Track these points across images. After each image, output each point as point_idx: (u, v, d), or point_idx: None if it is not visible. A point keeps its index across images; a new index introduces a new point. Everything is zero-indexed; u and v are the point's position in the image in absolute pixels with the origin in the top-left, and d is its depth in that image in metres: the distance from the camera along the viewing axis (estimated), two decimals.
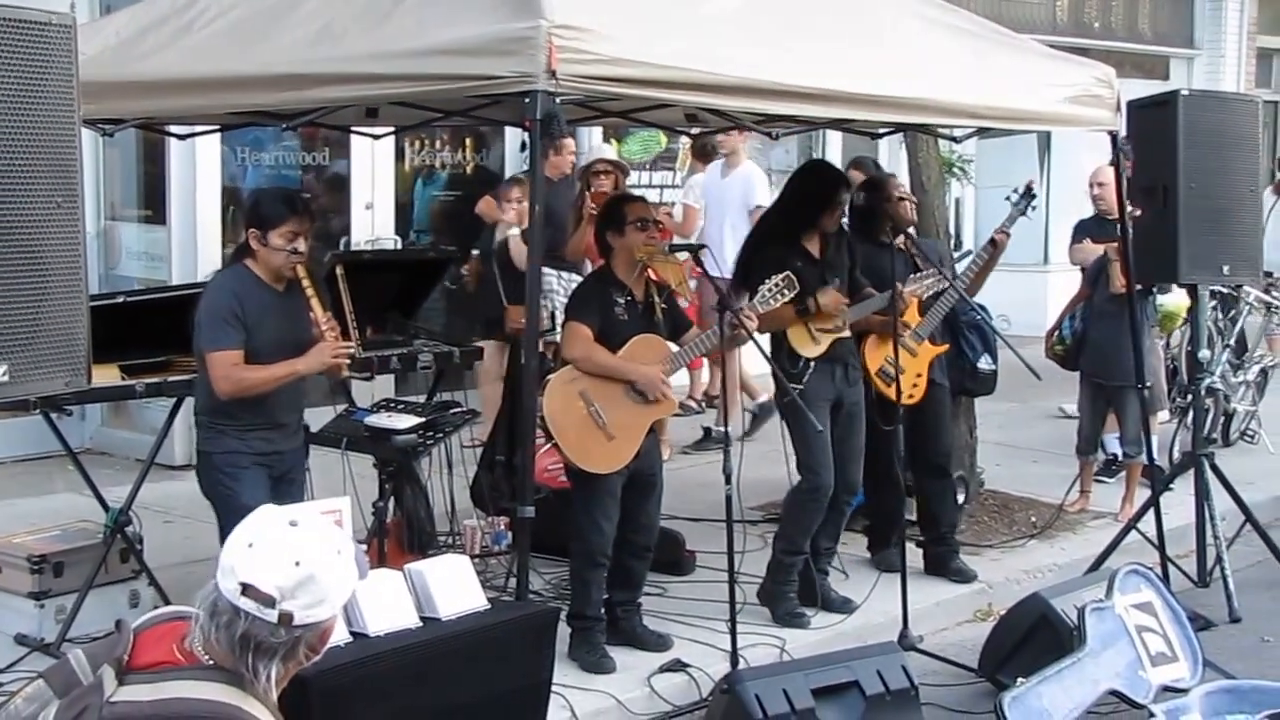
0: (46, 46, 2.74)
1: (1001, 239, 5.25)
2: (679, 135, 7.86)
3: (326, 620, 1.85)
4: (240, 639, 1.80)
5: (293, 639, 1.81)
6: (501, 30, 3.37)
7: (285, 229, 3.75)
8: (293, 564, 1.80)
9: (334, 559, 1.85)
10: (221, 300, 3.75)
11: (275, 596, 1.79)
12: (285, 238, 3.75)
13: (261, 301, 3.78)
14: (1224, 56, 12.19)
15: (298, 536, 1.84)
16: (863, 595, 4.85)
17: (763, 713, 3.58)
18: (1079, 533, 5.90)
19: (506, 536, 5.18)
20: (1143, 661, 4.10)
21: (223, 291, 3.79)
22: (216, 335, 3.72)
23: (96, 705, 1.77)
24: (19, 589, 4.36)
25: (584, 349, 4.23)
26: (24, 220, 2.73)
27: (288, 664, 1.84)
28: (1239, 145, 5.08)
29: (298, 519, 1.87)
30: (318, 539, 1.85)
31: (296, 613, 1.79)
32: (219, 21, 3.92)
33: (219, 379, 3.73)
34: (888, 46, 4.29)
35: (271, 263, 3.78)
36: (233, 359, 3.72)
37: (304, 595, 1.80)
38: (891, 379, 4.87)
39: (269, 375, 3.74)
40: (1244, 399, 7.56)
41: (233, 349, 3.72)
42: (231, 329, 3.71)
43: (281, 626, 1.79)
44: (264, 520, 1.87)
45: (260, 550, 1.82)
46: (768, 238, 4.82)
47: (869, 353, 4.96)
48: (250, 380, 3.73)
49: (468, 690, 3.26)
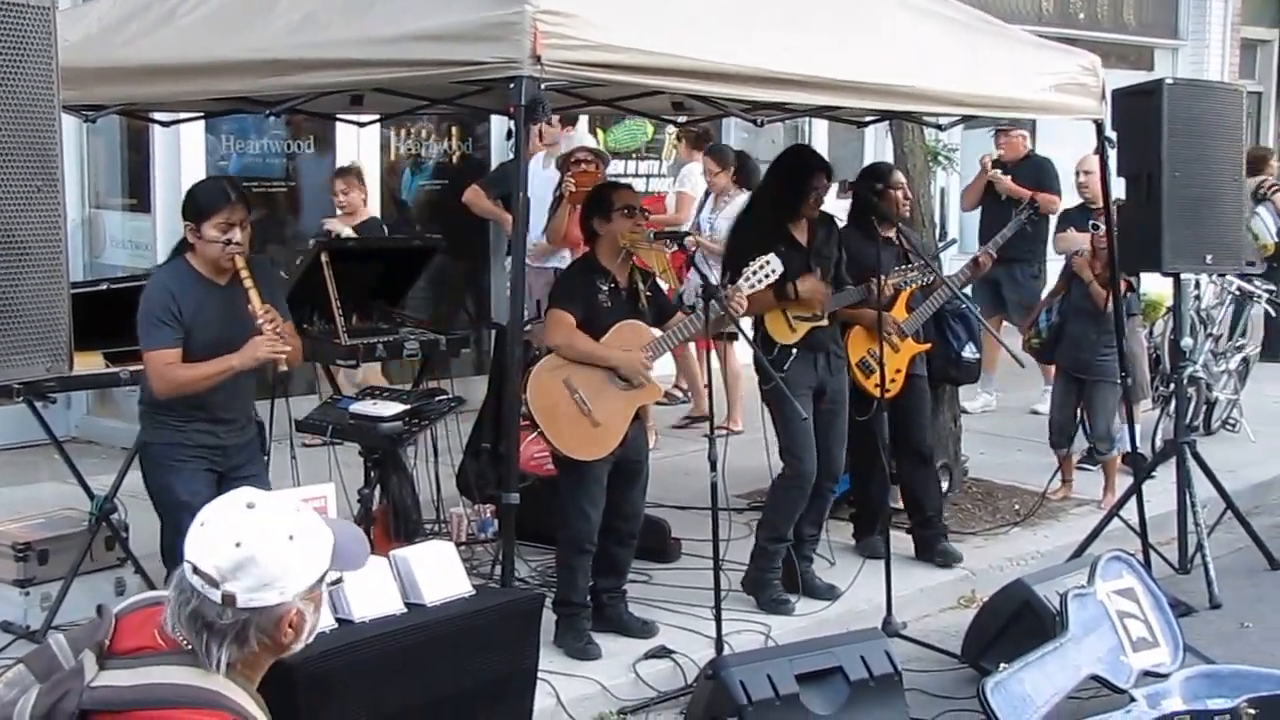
0: (23, 29, 2.72)
1: (985, 261, 5.30)
2: (666, 125, 7.85)
3: (277, 606, 1.80)
4: (191, 617, 1.79)
5: (240, 621, 1.78)
6: (486, 16, 3.37)
7: (219, 219, 3.66)
8: (233, 545, 1.79)
9: (282, 544, 1.80)
10: (156, 298, 3.68)
11: (215, 576, 1.78)
12: (219, 228, 3.65)
13: (200, 297, 3.71)
14: (1208, 47, 12.22)
15: (246, 518, 1.82)
16: (847, 582, 4.88)
17: (747, 698, 3.60)
18: (1062, 520, 5.94)
19: (493, 524, 5.18)
20: (1124, 647, 4.13)
21: (159, 289, 3.71)
22: (151, 335, 3.67)
23: (77, 689, 1.77)
24: (4, 576, 4.36)
25: (565, 336, 4.23)
26: (3, 204, 2.71)
27: (243, 649, 1.81)
28: (1223, 134, 5.10)
29: (257, 502, 1.85)
30: (267, 522, 1.82)
31: (239, 595, 1.77)
32: (202, 8, 3.91)
33: (154, 378, 3.69)
34: (873, 34, 4.29)
35: (208, 254, 3.69)
36: (166, 358, 3.67)
37: (245, 577, 1.78)
38: (871, 370, 4.93)
39: (203, 373, 3.68)
40: (1226, 388, 7.61)
41: (167, 348, 3.66)
42: (167, 327, 3.65)
43: (228, 608, 1.78)
44: (224, 500, 1.87)
45: (208, 529, 1.82)
46: (752, 223, 4.83)
47: (852, 343, 4.99)
48: (184, 378, 3.68)
49: (453, 676, 3.26)
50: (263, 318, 3.67)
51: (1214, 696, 3.98)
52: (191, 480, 3.70)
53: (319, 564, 1.86)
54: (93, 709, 1.77)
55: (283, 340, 3.70)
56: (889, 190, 5.13)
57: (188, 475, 3.72)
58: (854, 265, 4.92)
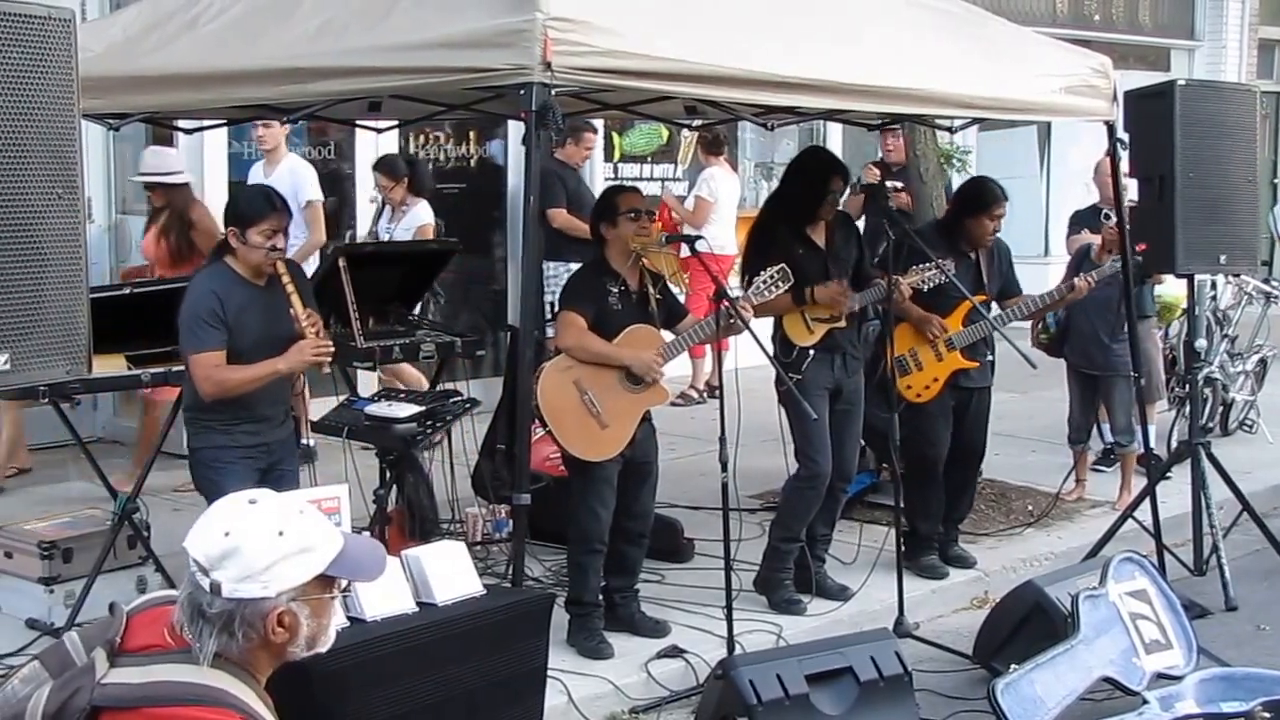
0: (45, 39, 2.78)
1: (1082, 287, 5.20)
2: (681, 129, 7.90)
3: (262, 600, 1.82)
4: (187, 603, 1.84)
5: (226, 612, 1.81)
6: (498, 23, 3.41)
7: (264, 227, 3.77)
8: (222, 534, 1.83)
9: (269, 538, 1.83)
10: (202, 302, 3.77)
11: (204, 564, 1.82)
12: (264, 235, 3.77)
13: (242, 298, 3.81)
14: (1225, 48, 12.13)
15: (242, 511, 1.86)
16: (859, 583, 4.89)
17: (757, 698, 3.61)
18: (1076, 521, 5.93)
19: (507, 524, 5.22)
20: (1136, 649, 4.11)
21: (202, 292, 3.80)
22: (197, 338, 3.76)
23: (88, 686, 1.80)
24: (29, 574, 4.43)
25: (576, 337, 4.27)
26: (24, 210, 2.77)
27: (231, 640, 1.83)
28: (1237, 135, 5.08)
29: (260, 499, 1.89)
30: (260, 516, 1.85)
31: (225, 584, 1.80)
32: (222, 18, 3.97)
33: (201, 381, 3.78)
34: (883, 36, 4.31)
35: (250, 260, 3.81)
36: (214, 360, 3.76)
37: (230, 567, 1.81)
38: (907, 370, 5.01)
39: (250, 375, 3.78)
40: (1242, 389, 7.57)
41: (214, 350, 3.75)
42: (213, 330, 3.74)
43: (216, 597, 1.81)
44: (233, 496, 1.91)
45: (206, 519, 1.87)
46: (770, 226, 4.85)
47: (897, 338, 4.97)
48: (232, 381, 3.77)
49: (464, 675, 3.29)
50: (305, 322, 3.78)
51: (1228, 699, 3.97)
52: (240, 481, 3.76)
53: (311, 565, 1.86)
54: (103, 706, 1.80)
55: (327, 345, 3.81)
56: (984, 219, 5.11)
57: (236, 475, 3.79)
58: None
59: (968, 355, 5.13)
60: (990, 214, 5.10)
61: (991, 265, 5.21)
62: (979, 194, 5.19)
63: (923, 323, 5.05)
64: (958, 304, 5.04)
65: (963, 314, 5.09)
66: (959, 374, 5.13)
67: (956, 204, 5.34)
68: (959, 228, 5.16)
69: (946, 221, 5.33)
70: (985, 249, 5.19)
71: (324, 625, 1.92)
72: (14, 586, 4.48)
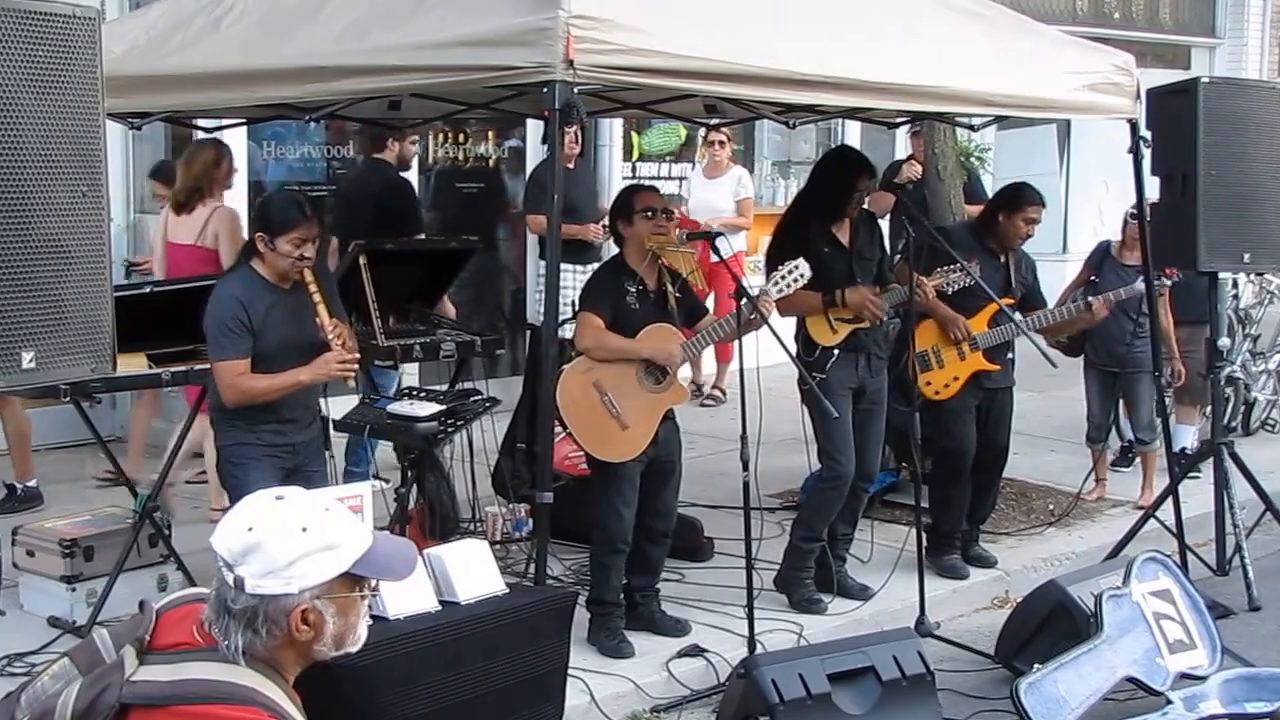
0: (70, 38, 2.80)
1: (1100, 309, 5.17)
2: (698, 127, 7.89)
3: (284, 597, 1.81)
4: (215, 599, 1.84)
5: (249, 608, 1.81)
6: (521, 22, 3.42)
7: (294, 235, 3.76)
8: (245, 529, 1.83)
9: (293, 535, 1.82)
10: (227, 308, 3.78)
11: (228, 559, 1.82)
12: (293, 244, 3.76)
13: (268, 303, 3.81)
14: (1246, 45, 12.03)
15: (267, 506, 1.86)
16: (880, 582, 4.88)
17: (779, 697, 3.61)
18: (1097, 520, 5.91)
19: (527, 523, 5.23)
20: (1160, 649, 4.09)
21: (228, 299, 3.80)
22: (221, 345, 3.77)
23: (117, 683, 1.80)
24: (51, 572, 4.45)
25: (595, 337, 4.27)
26: (48, 209, 2.78)
27: (256, 637, 1.82)
28: (1261, 132, 5.04)
29: (287, 495, 1.89)
30: (287, 513, 1.85)
31: (247, 579, 1.80)
32: (246, 19, 3.99)
33: (225, 388, 3.80)
34: (905, 34, 4.29)
35: (278, 266, 3.81)
36: (238, 369, 3.77)
37: (253, 562, 1.81)
38: (926, 366, 5.00)
39: (273, 385, 3.79)
40: (1265, 388, 7.53)
41: (238, 358, 3.76)
42: (237, 337, 3.75)
43: (240, 592, 1.81)
44: (260, 493, 1.91)
45: (232, 515, 1.88)
46: (795, 225, 4.84)
47: (920, 334, 4.97)
48: (255, 389, 3.78)
49: (487, 673, 3.30)
50: (332, 333, 3.77)
51: (1253, 700, 3.96)
52: (263, 479, 3.76)
53: (336, 563, 1.85)
54: (132, 703, 1.80)
55: (352, 358, 3.80)
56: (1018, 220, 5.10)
57: (260, 472, 3.81)
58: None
59: (990, 357, 5.11)
60: (1025, 215, 5.08)
61: (1018, 273, 5.20)
62: (1016, 193, 5.18)
63: (948, 322, 5.03)
64: (984, 305, 5.02)
65: (988, 315, 5.07)
66: (981, 374, 5.11)
67: (993, 202, 5.32)
68: (992, 226, 5.13)
69: (980, 220, 5.31)
70: (1014, 254, 5.17)
71: (351, 624, 1.90)
72: (36, 585, 4.51)
